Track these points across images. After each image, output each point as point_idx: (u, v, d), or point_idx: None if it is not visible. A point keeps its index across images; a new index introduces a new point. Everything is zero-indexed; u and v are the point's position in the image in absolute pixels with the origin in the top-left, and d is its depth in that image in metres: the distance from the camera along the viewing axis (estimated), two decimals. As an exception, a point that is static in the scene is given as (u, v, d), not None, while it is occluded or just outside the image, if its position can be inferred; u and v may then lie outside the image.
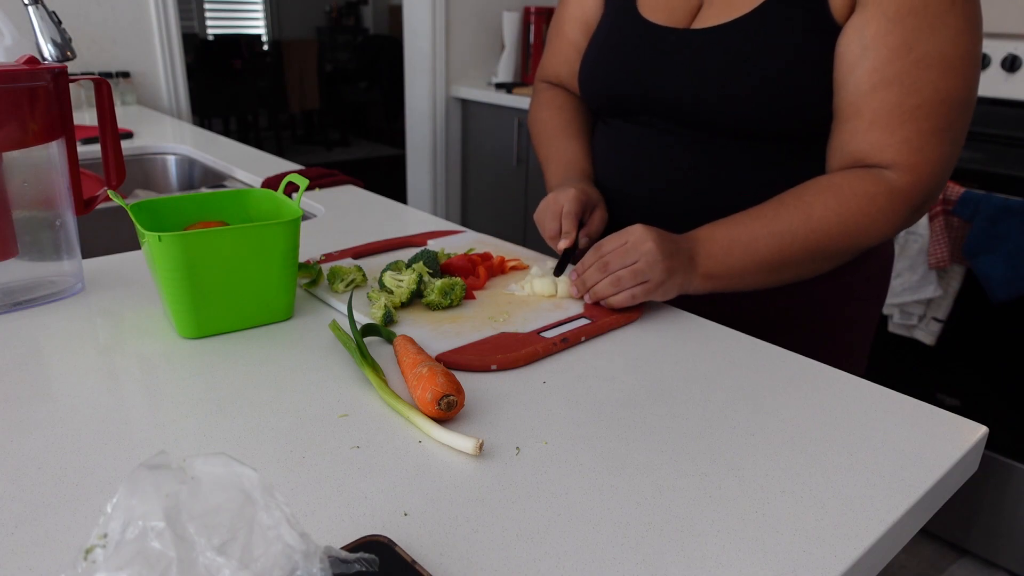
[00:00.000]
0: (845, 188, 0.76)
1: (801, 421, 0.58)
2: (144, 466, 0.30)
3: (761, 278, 0.79)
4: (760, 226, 0.77)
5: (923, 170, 0.75)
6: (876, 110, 0.74)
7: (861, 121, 0.75)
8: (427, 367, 0.58)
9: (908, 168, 0.75)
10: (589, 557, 0.43)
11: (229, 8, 7.08)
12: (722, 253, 0.77)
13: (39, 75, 0.73)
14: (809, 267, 0.80)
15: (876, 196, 0.75)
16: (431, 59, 2.82)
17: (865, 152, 0.76)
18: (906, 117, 0.73)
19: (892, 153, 0.75)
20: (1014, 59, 1.94)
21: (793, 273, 0.80)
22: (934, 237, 1.64)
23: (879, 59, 0.73)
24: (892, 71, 0.73)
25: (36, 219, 0.76)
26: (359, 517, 0.46)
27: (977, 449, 0.57)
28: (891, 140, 0.74)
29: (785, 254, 0.77)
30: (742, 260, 0.77)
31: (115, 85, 2.24)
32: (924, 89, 0.72)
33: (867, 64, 0.74)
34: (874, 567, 0.47)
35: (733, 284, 0.79)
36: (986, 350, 1.66)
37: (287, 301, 0.73)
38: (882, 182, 0.75)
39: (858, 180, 0.76)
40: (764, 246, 0.77)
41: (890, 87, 0.73)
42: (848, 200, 0.76)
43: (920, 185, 0.75)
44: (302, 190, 0.75)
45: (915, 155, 0.74)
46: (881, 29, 0.73)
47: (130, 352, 0.67)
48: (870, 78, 0.74)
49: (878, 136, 0.75)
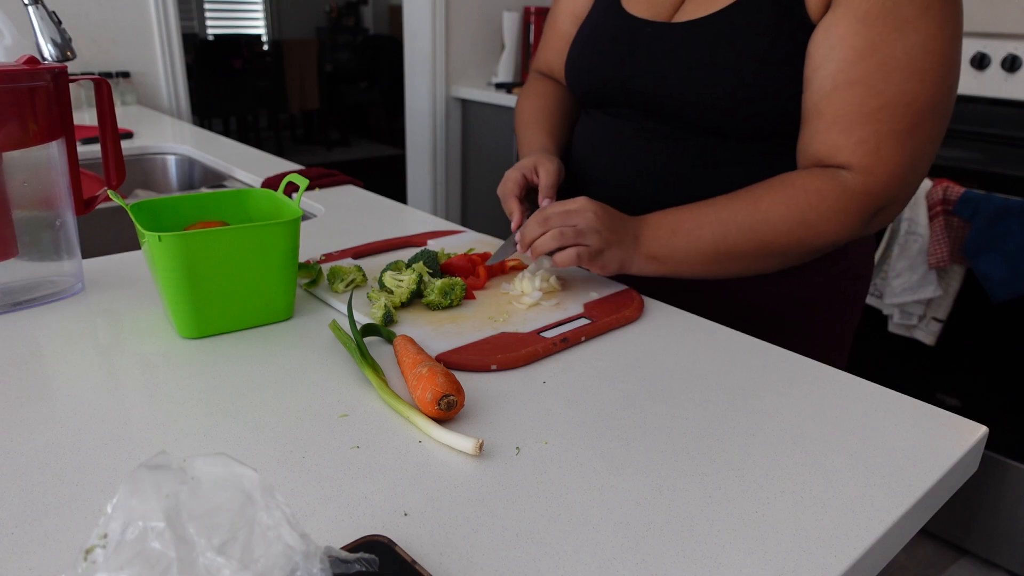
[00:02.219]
0: (796, 183, 0.76)
1: (801, 421, 0.58)
2: (144, 466, 0.30)
3: (706, 266, 0.79)
4: (707, 213, 0.78)
5: (878, 172, 0.73)
6: (836, 111, 0.74)
7: (821, 121, 0.75)
8: (427, 367, 0.58)
9: (863, 169, 0.74)
10: (589, 557, 0.43)
11: (229, 8, 7.07)
12: (667, 236, 0.78)
13: (39, 75, 0.73)
14: (756, 261, 0.79)
15: (826, 194, 0.74)
16: (431, 59, 2.82)
17: (823, 153, 0.76)
18: (865, 119, 0.72)
19: (847, 154, 0.74)
20: (1014, 59, 1.94)
21: (739, 265, 0.79)
22: (934, 237, 1.64)
23: (844, 60, 0.73)
24: (856, 72, 0.72)
25: (36, 219, 0.76)
26: (359, 517, 0.46)
27: (977, 449, 0.57)
28: (847, 141, 0.73)
29: (729, 243, 0.77)
30: (685, 244, 0.78)
31: (115, 85, 2.24)
32: (887, 91, 0.71)
33: (832, 65, 0.73)
34: (874, 567, 0.47)
35: (677, 268, 0.79)
36: (986, 350, 1.66)
37: (287, 301, 0.73)
38: (835, 180, 0.74)
39: (810, 177, 0.76)
40: (708, 233, 0.77)
41: (852, 88, 0.72)
42: (797, 195, 0.75)
43: (876, 188, 0.74)
44: (302, 190, 0.75)
45: (870, 156, 0.73)
46: (849, 30, 0.72)
47: (130, 352, 0.67)
48: (834, 78, 0.73)
49: (835, 136, 0.74)
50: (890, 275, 1.72)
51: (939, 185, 1.62)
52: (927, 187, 1.63)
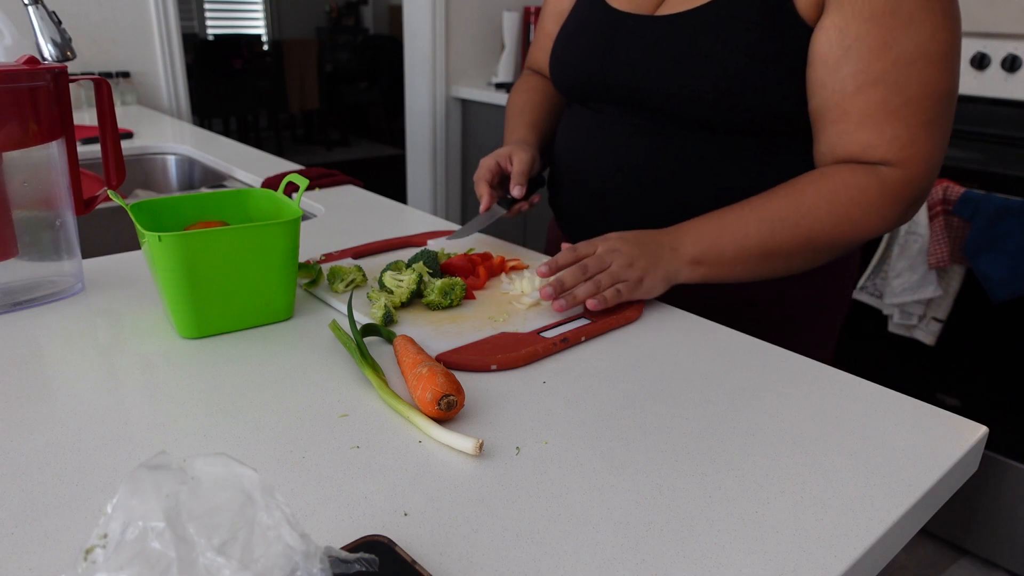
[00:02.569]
0: (837, 178, 0.77)
1: (801, 421, 0.58)
2: (144, 466, 0.30)
3: (752, 266, 0.79)
4: (749, 211, 0.78)
5: (914, 165, 0.75)
6: (863, 110, 0.75)
7: (849, 123, 0.76)
8: (427, 367, 0.58)
9: (900, 163, 0.75)
10: (589, 557, 0.43)
11: (229, 8, 7.07)
12: (710, 238, 0.78)
13: (39, 75, 0.73)
14: (800, 258, 0.79)
15: (868, 188, 0.75)
16: (431, 59, 2.82)
17: (856, 153, 0.77)
18: (893, 115, 0.74)
19: (883, 151, 0.75)
20: (1014, 59, 1.94)
21: (784, 264, 0.79)
22: (934, 237, 1.64)
23: (861, 60, 0.74)
24: (875, 70, 0.73)
25: (36, 219, 0.76)
26: (359, 517, 0.46)
27: (977, 449, 0.57)
28: (881, 139, 0.75)
29: (777, 240, 0.77)
30: (732, 245, 0.77)
31: (115, 85, 2.24)
32: (909, 86, 0.73)
33: (850, 66, 0.74)
34: (874, 567, 0.47)
35: (723, 272, 0.79)
36: (986, 350, 1.66)
37: (287, 301, 0.73)
38: (875, 175, 0.76)
39: (850, 172, 0.76)
40: (755, 231, 0.77)
41: (875, 86, 0.74)
42: (839, 190, 0.76)
43: (912, 180, 0.76)
44: (302, 190, 0.75)
45: (905, 151, 0.75)
46: (861, 30, 0.73)
47: (130, 352, 0.67)
48: (855, 79, 0.74)
49: (867, 136, 0.75)
50: (890, 275, 1.72)
51: (939, 185, 1.62)
52: (927, 187, 1.63)
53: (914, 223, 1.66)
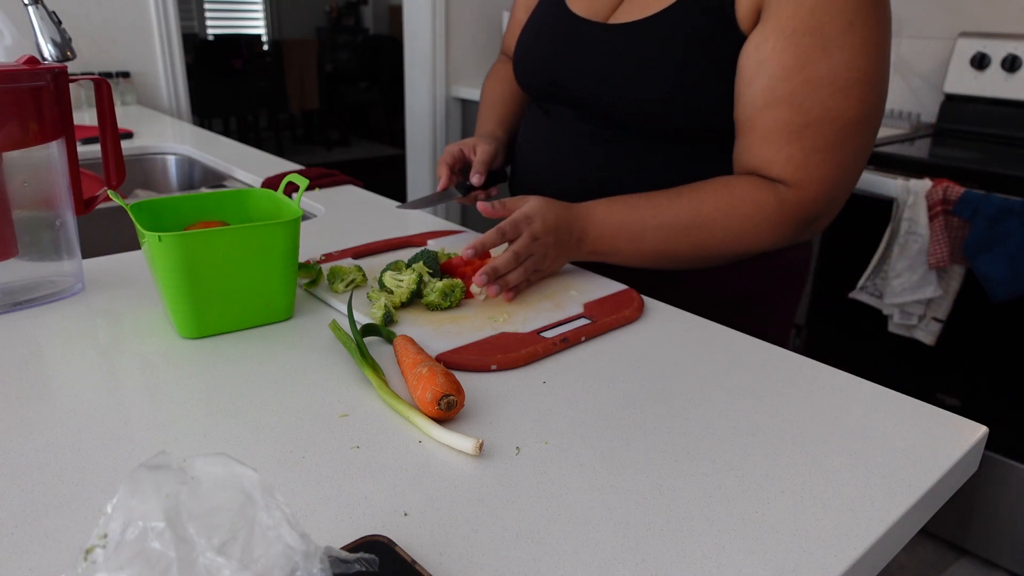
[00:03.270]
0: (737, 191, 0.79)
1: (801, 421, 0.58)
2: (144, 466, 0.30)
3: (645, 263, 0.84)
4: (651, 216, 0.81)
5: (807, 187, 0.77)
6: (767, 127, 0.77)
7: (754, 136, 0.78)
8: (427, 367, 0.58)
9: (794, 184, 0.77)
10: (589, 557, 0.43)
11: (229, 8, 7.07)
12: (610, 236, 0.82)
13: (39, 75, 0.73)
14: (690, 263, 0.84)
15: (765, 205, 0.78)
16: (431, 59, 2.82)
17: (756, 167, 0.79)
18: (793, 136, 0.75)
19: (778, 169, 0.77)
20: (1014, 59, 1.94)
21: (674, 265, 0.85)
22: (934, 237, 1.64)
23: (772, 77, 0.75)
24: (784, 89, 0.75)
25: (36, 219, 0.76)
26: (359, 517, 0.46)
27: (977, 449, 0.57)
28: (777, 157, 0.77)
29: (670, 245, 0.81)
30: (629, 245, 0.82)
31: (115, 85, 2.24)
32: (813, 109, 0.74)
33: (762, 81, 0.76)
34: (874, 567, 0.47)
35: (615, 261, 0.84)
36: (986, 350, 1.66)
37: (287, 301, 0.74)
38: (773, 192, 0.78)
39: (752, 187, 0.79)
40: (651, 237, 0.81)
41: (780, 105, 0.75)
42: (737, 204, 0.79)
43: (805, 201, 0.78)
44: (302, 190, 0.75)
45: (799, 172, 0.77)
46: (777, 47, 0.74)
47: (130, 352, 0.67)
48: (764, 95, 0.76)
49: (766, 152, 0.77)
50: (890, 275, 1.72)
51: (939, 185, 1.62)
52: (927, 187, 1.64)
53: (914, 223, 1.66)
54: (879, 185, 1.72)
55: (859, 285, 1.78)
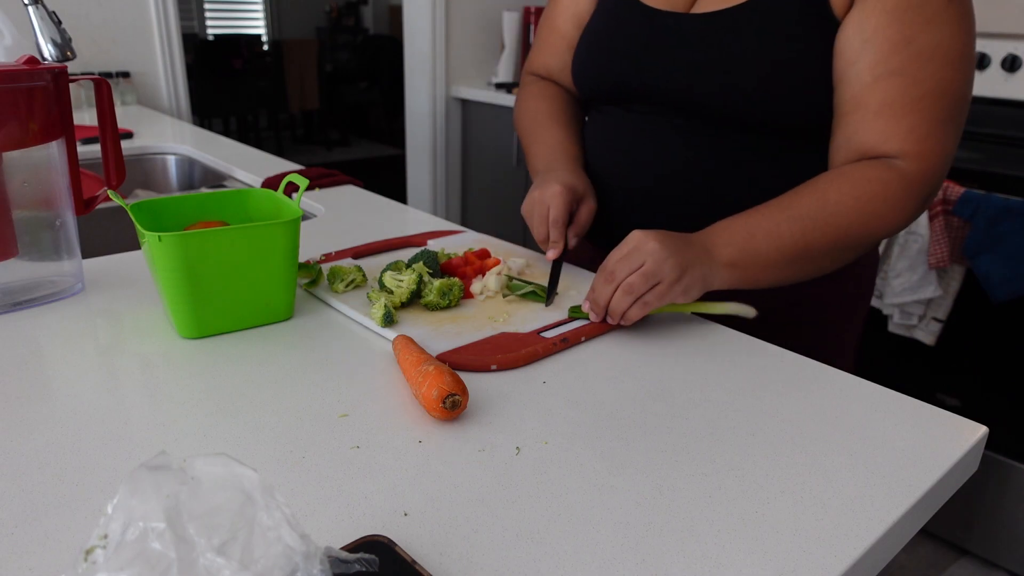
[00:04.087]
0: (857, 175, 0.76)
1: (801, 421, 0.58)
2: (144, 466, 0.30)
3: (784, 269, 0.76)
4: (778, 211, 0.76)
5: (931, 158, 0.75)
6: (880, 100, 0.74)
7: (866, 112, 0.75)
8: (433, 365, 0.58)
9: (916, 156, 0.74)
10: (589, 557, 0.43)
11: (229, 8, 7.07)
12: (743, 240, 0.75)
13: (39, 75, 0.73)
14: (829, 257, 0.78)
15: (890, 182, 0.75)
16: (431, 59, 2.82)
17: (872, 143, 0.76)
18: (911, 107, 0.74)
19: (899, 141, 0.75)
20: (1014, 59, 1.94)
21: (815, 265, 0.78)
22: (934, 237, 1.64)
23: (880, 52, 0.74)
24: (895, 63, 0.73)
25: (36, 219, 0.76)
26: (359, 517, 0.46)
27: (977, 449, 0.57)
28: (897, 129, 0.74)
29: (808, 239, 0.75)
30: (766, 246, 0.74)
31: (115, 85, 2.24)
32: (927, 80, 0.73)
33: (868, 57, 0.74)
34: (874, 567, 0.47)
35: (758, 274, 0.76)
36: (986, 350, 1.66)
37: (287, 301, 0.73)
38: (894, 169, 0.75)
39: (870, 168, 0.76)
40: (787, 231, 0.75)
41: (893, 78, 0.73)
42: (862, 185, 0.75)
43: (929, 173, 0.75)
44: (302, 190, 0.75)
45: (922, 143, 0.74)
46: (881, 23, 0.73)
47: (130, 352, 0.67)
48: (872, 70, 0.74)
49: (884, 125, 0.75)
50: (890, 275, 1.72)
51: (939, 185, 1.62)
52: (927, 187, 1.63)
53: (914, 223, 1.66)
54: (879, 185, 1.72)
55: (859, 285, 1.78)
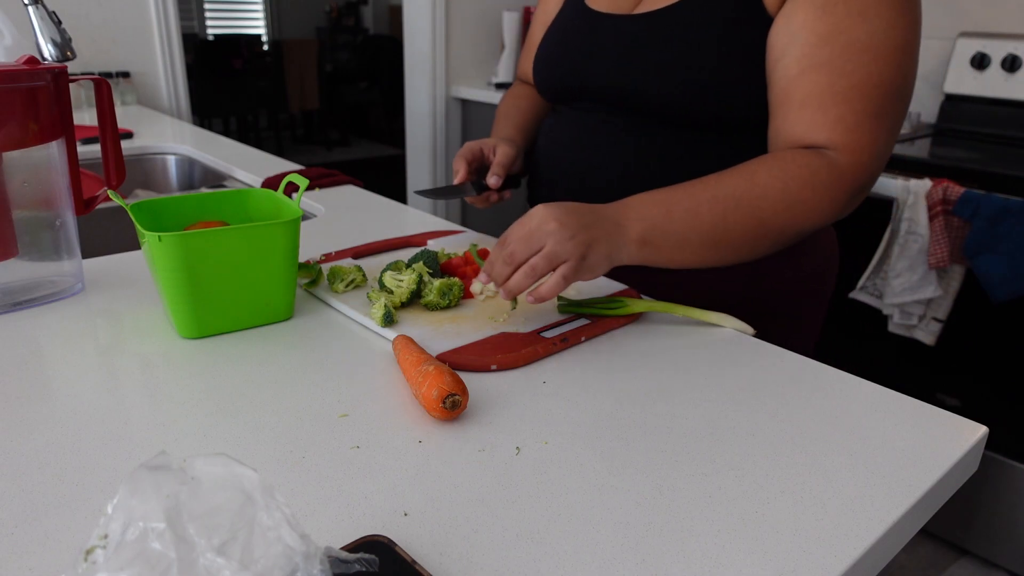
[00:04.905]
0: (789, 159, 0.74)
1: (801, 421, 0.58)
2: (144, 466, 0.30)
3: (700, 251, 0.73)
4: (701, 190, 0.73)
5: (861, 150, 0.73)
6: (807, 92, 0.73)
7: (792, 104, 0.75)
8: (433, 365, 0.58)
9: (845, 148, 0.73)
10: (589, 557, 0.43)
11: (229, 8, 7.07)
12: (659, 216, 0.72)
13: (39, 75, 0.73)
14: (748, 245, 0.75)
15: (818, 169, 0.73)
16: (431, 59, 2.82)
17: (800, 134, 0.75)
18: (839, 98, 0.72)
19: (827, 132, 0.73)
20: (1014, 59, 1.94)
21: (732, 250, 0.75)
22: (934, 237, 1.64)
23: (807, 45, 0.73)
24: (822, 55, 0.72)
25: (36, 219, 0.76)
26: (359, 517, 0.46)
27: (977, 449, 0.57)
28: (824, 119, 0.73)
29: (729, 222, 0.72)
30: (683, 225, 0.72)
31: (115, 85, 2.24)
32: (856, 72, 0.71)
33: (795, 51, 0.73)
34: (874, 567, 0.47)
35: (669, 255, 0.73)
36: (986, 350, 1.66)
37: (287, 301, 0.73)
38: (824, 157, 0.73)
39: (802, 155, 0.74)
40: (707, 211, 0.72)
41: (820, 70, 0.72)
42: (791, 170, 0.73)
43: (859, 166, 0.73)
44: (302, 190, 0.75)
45: (850, 134, 0.73)
46: (809, 16, 0.73)
47: (130, 352, 0.67)
48: (799, 63, 0.73)
49: (811, 115, 0.73)
50: (890, 275, 1.72)
51: (939, 185, 1.62)
52: (927, 187, 1.63)
53: (914, 223, 1.66)
54: (879, 185, 1.72)
55: (859, 285, 1.78)
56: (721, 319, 0.75)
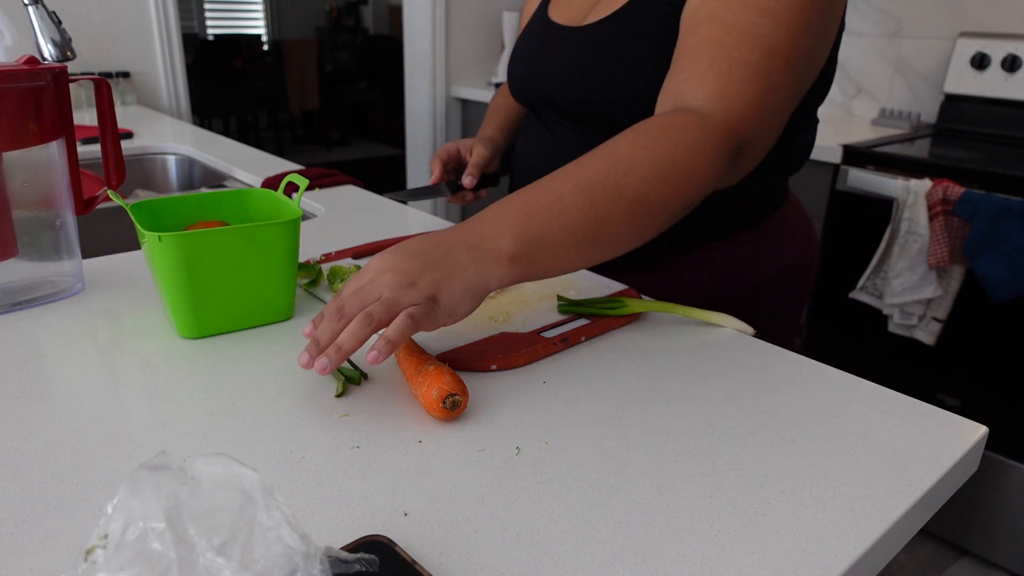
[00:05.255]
0: (653, 124, 0.68)
1: (801, 421, 0.58)
2: (144, 466, 0.30)
3: (578, 250, 0.64)
4: (562, 181, 0.64)
5: (733, 98, 0.68)
6: (688, 47, 0.72)
7: (675, 63, 0.73)
8: (434, 365, 0.58)
9: (718, 95, 0.69)
10: (589, 557, 0.43)
11: (229, 8, 7.07)
12: (519, 224, 0.61)
13: (39, 75, 0.73)
14: (631, 227, 0.65)
15: (686, 126, 0.67)
16: (431, 59, 2.82)
17: (675, 86, 0.72)
18: (716, 47, 0.70)
19: (699, 82, 0.70)
20: (1014, 59, 1.94)
21: (614, 238, 0.65)
22: (934, 237, 1.64)
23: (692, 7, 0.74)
24: (706, 10, 0.72)
25: (36, 219, 0.76)
26: (359, 517, 0.46)
27: (977, 449, 0.57)
28: (697, 66, 0.70)
29: (598, 210, 0.63)
30: (548, 228, 0.62)
31: (115, 85, 2.24)
32: (736, 23, 0.69)
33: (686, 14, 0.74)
34: (874, 567, 0.47)
35: (546, 264, 0.63)
36: (986, 350, 1.66)
37: (287, 301, 0.73)
38: (691, 112, 0.69)
39: (667, 116, 0.69)
40: (572, 203, 0.62)
41: (702, 25, 0.71)
42: (656, 132, 0.66)
43: (733, 115, 0.69)
44: (302, 190, 0.75)
45: (723, 80, 0.69)
46: None
47: (130, 352, 0.67)
48: (686, 23, 0.74)
49: (688, 67, 0.71)
50: (890, 275, 1.72)
51: (939, 185, 1.62)
52: (927, 187, 1.64)
53: (914, 223, 1.66)
54: (879, 185, 1.72)
55: (859, 285, 1.78)
56: (721, 319, 0.75)
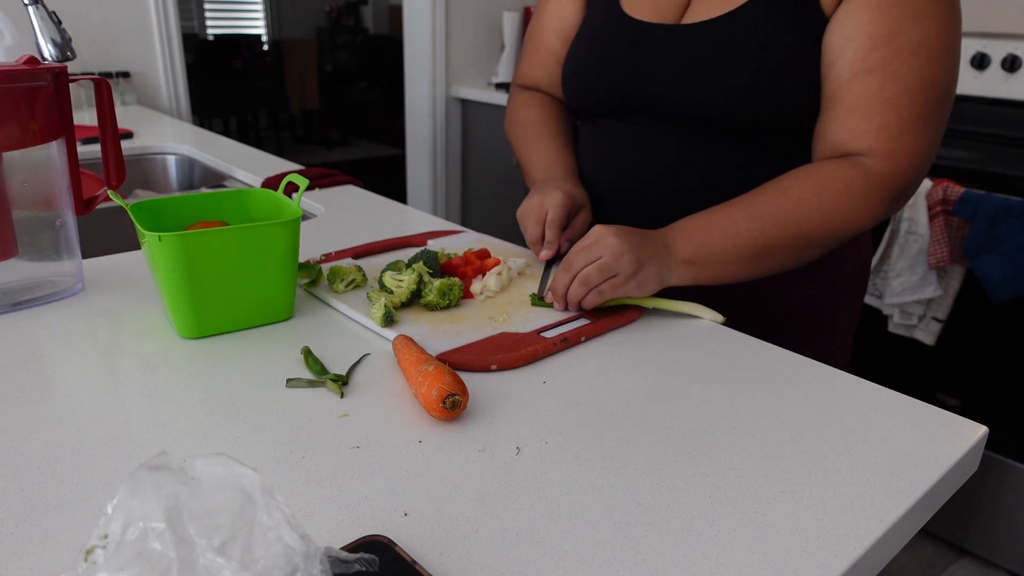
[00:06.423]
0: (822, 172, 0.76)
1: (801, 421, 0.58)
2: (144, 466, 0.30)
3: (744, 266, 0.77)
4: (739, 211, 0.77)
5: (901, 157, 0.74)
6: (856, 97, 0.74)
7: (841, 108, 0.76)
8: (433, 365, 0.58)
9: (885, 155, 0.74)
10: (589, 557, 0.43)
11: (229, 8, 7.07)
12: (701, 238, 0.76)
13: (39, 75, 0.73)
14: (792, 255, 0.78)
15: (854, 180, 0.75)
16: (431, 59, 2.82)
17: (843, 139, 0.76)
18: (886, 104, 0.73)
19: (869, 139, 0.75)
20: (1014, 59, 1.94)
21: (776, 262, 0.78)
22: (934, 237, 1.64)
23: (861, 48, 0.74)
24: (875, 59, 0.73)
25: (36, 219, 0.76)
26: (359, 517, 0.46)
27: (977, 449, 0.57)
28: (869, 126, 0.74)
29: (767, 238, 0.76)
30: (723, 244, 0.76)
31: (115, 85, 2.24)
32: (907, 77, 0.73)
33: (849, 54, 0.74)
34: (874, 567, 0.47)
35: (716, 272, 0.77)
36: (986, 350, 1.66)
37: (287, 301, 0.73)
38: (859, 166, 0.75)
39: (835, 166, 0.76)
40: (745, 230, 0.76)
41: (872, 74, 0.73)
42: (826, 183, 0.75)
43: (898, 172, 0.75)
44: (302, 190, 0.75)
45: (892, 142, 0.74)
46: (864, 19, 0.73)
47: (130, 352, 0.67)
48: (852, 67, 0.74)
49: (856, 122, 0.75)
50: (890, 275, 1.72)
51: (939, 185, 1.62)
52: (927, 187, 1.63)
53: (914, 223, 1.66)
54: (879, 185, 1.72)
55: (859, 285, 1.78)
56: (695, 309, 0.77)
